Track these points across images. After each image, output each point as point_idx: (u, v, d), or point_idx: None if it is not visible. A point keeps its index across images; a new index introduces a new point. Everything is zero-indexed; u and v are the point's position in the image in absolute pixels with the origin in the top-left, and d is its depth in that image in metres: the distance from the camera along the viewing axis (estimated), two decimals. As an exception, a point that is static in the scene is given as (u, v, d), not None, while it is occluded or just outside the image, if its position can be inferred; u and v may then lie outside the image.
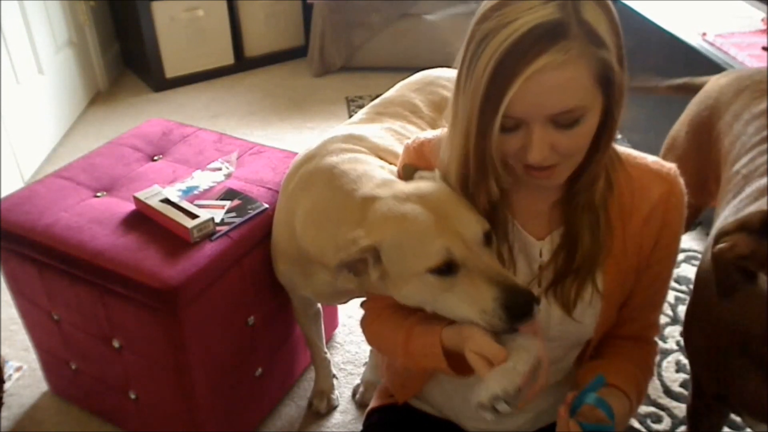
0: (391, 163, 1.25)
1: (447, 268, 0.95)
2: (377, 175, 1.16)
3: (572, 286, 0.98)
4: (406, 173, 1.08)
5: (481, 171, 0.91)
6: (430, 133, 1.09)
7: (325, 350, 1.76)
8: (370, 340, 1.18)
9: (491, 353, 0.89)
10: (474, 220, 0.97)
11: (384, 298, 1.11)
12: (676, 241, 1.02)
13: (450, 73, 1.57)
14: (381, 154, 1.29)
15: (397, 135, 1.38)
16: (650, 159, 1.00)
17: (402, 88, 1.56)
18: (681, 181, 0.99)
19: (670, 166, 0.99)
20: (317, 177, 1.26)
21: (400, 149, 1.18)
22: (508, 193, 0.98)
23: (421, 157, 1.07)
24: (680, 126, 1.68)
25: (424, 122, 1.46)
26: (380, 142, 1.33)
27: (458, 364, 0.97)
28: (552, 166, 0.87)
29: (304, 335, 1.70)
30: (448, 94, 1.48)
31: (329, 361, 1.79)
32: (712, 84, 1.63)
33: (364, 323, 1.17)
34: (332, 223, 1.16)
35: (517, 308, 0.91)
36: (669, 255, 1.02)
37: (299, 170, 1.32)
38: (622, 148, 1.00)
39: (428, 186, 1.02)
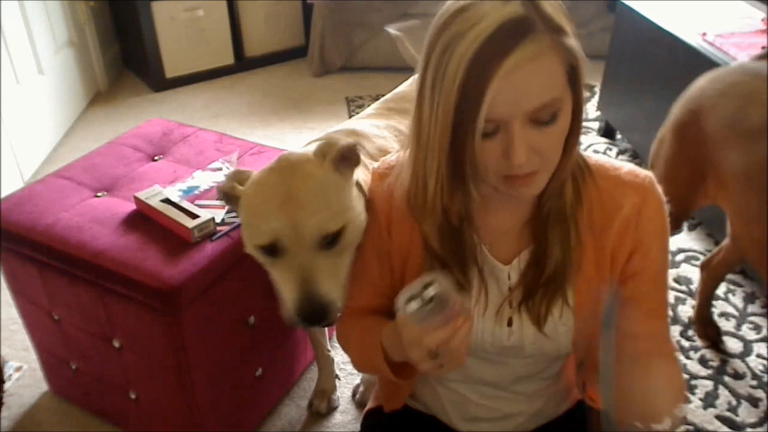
0: None
1: (271, 249, 1.04)
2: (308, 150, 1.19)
3: (542, 302, 0.96)
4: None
5: (458, 179, 0.88)
6: (392, 156, 1.07)
7: (329, 348, 1.76)
8: (341, 345, 1.18)
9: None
10: (321, 220, 1.02)
11: (356, 306, 1.11)
12: (658, 248, 0.98)
13: None
14: (377, 155, 1.29)
15: (401, 135, 1.38)
16: (624, 169, 0.97)
17: (414, 83, 1.57)
18: (657, 188, 0.96)
19: (645, 175, 0.96)
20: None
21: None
22: (475, 215, 0.96)
23: (385, 191, 1.03)
24: (666, 129, 1.70)
25: None
26: (382, 143, 1.34)
27: (398, 369, 1.01)
28: (532, 172, 0.85)
29: (308, 332, 1.70)
30: None
31: (333, 360, 1.79)
32: (694, 86, 1.65)
33: (337, 327, 1.16)
34: None
35: (309, 313, 1.02)
36: (653, 263, 0.98)
37: None
38: (596, 159, 0.98)
39: (304, 165, 1.08)
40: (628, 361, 0.92)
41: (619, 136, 2.99)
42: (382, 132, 1.38)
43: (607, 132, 3.02)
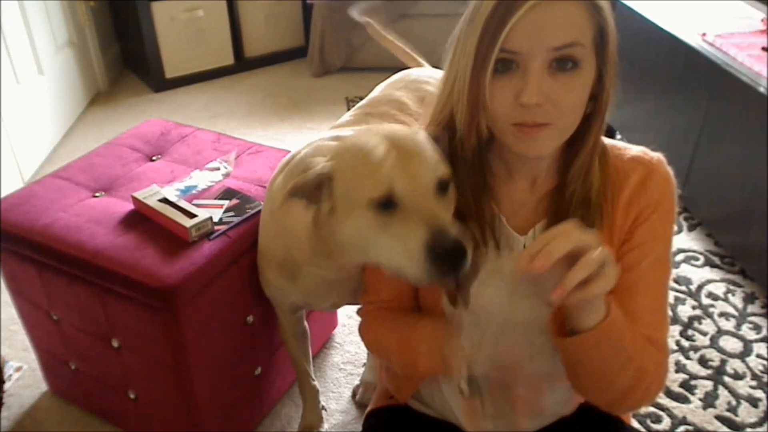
0: None
1: (386, 203, 0.92)
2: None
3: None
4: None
5: (473, 110, 0.90)
6: None
7: (314, 377, 1.66)
8: (368, 345, 1.17)
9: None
10: (432, 164, 0.95)
11: (378, 300, 1.10)
12: (660, 228, 0.98)
13: (430, 72, 1.58)
14: None
15: None
16: (635, 149, 1.00)
17: (386, 87, 1.55)
18: (666, 167, 0.98)
19: (655, 154, 0.99)
20: (292, 167, 1.24)
21: None
22: (495, 186, 0.98)
23: None
24: None
25: (413, 119, 1.44)
26: None
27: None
28: (544, 124, 0.86)
29: (291, 358, 1.62)
30: (432, 89, 1.48)
31: (318, 391, 1.68)
32: None
33: (362, 329, 1.16)
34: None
35: (443, 254, 0.88)
36: (654, 245, 0.98)
37: (282, 171, 1.30)
38: (607, 140, 1.00)
39: (401, 128, 1.03)
40: None
41: (619, 136, 2.99)
42: None
43: (607, 132, 3.01)
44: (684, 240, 2.40)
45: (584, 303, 0.84)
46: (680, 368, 1.89)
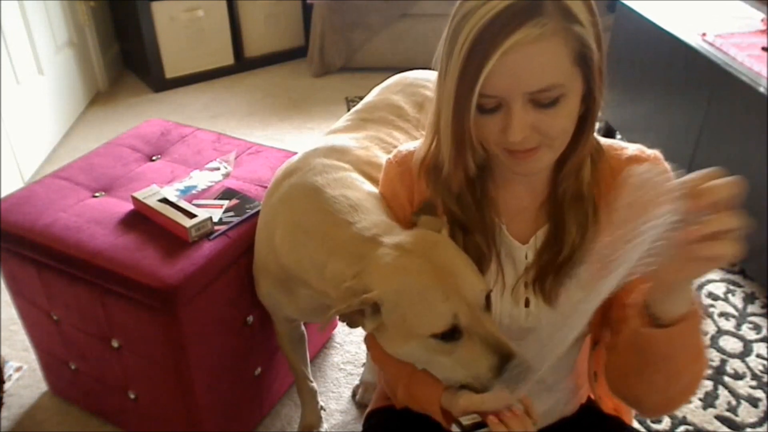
0: (375, 176, 1.21)
1: (450, 334, 0.93)
2: (371, 206, 1.12)
3: (556, 282, 0.97)
4: (421, 211, 1.05)
5: (459, 147, 0.90)
6: (411, 145, 1.08)
7: (312, 380, 1.67)
8: (374, 360, 1.16)
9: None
10: (477, 282, 0.95)
11: None
12: None
13: (427, 74, 1.56)
14: (364, 167, 1.25)
15: (382, 144, 1.34)
16: (631, 148, 1.00)
17: (383, 91, 1.53)
18: (663, 162, 0.98)
19: (652, 151, 0.99)
20: (301, 193, 1.21)
21: (384, 160, 1.15)
22: (495, 194, 0.98)
23: (406, 171, 1.05)
24: None
25: (411, 125, 1.42)
26: (363, 153, 1.28)
27: (452, 419, 0.97)
28: (534, 148, 0.87)
29: (289, 362, 1.62)
30: (430, 93, 1.46)
31: (316, 392, 1.69)
32: None
33: (370, 342, 1.14)
34: (317, 245, 1.13)
35: (506, 370, 0.91)
36: None
37: (281, 184, 1.27)
38: (604, 140, 1.00)
39: (433, 238, 0.99)
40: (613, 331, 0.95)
41: (619, 136, 2.99)
42: (362, 143, 1.32)
43: (607, 132, 3.02)
44: (684, 240, 2.40)
45: (684, 284, 0.79)
46: (680, 368, 1.89)
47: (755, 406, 1.79)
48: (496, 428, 0.87)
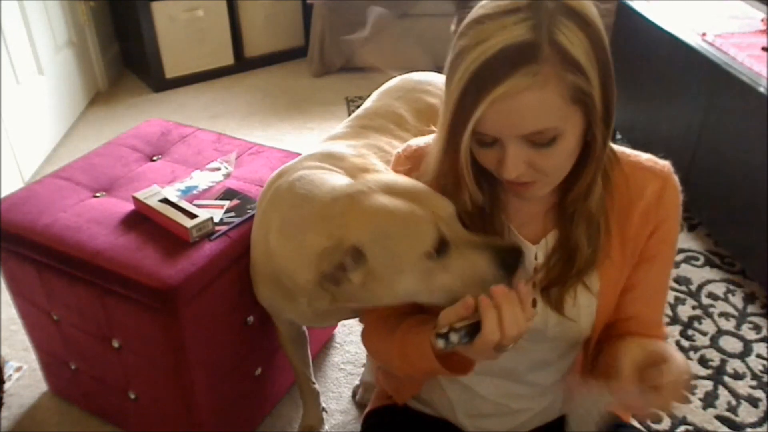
0: None
1: (440, 248, 0.95)
2: (338, 179, 1.14)
3: (565, 291, 0.98)
4: None
5: (455, 182, 0.93)
6: (422, 140, 1.08)
7: (314, 380, 1.67)
8: (371, 353, 1.17)
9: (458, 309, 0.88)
10: (444, 202, 0.98)
11: (379, 309, 1.10)
12: (672, 236, 1.01)
13: (430, 77, 1.54)
14: (358, 175, 1.22)
15: (381, 152, 1.33)
16: (644, 156, 1.00)
17: (384, 96, 1.51)
18: (675, 177, 0.99)
19: (664, 163, 0.99)
20: (285, 191, 1.21)
21: (381, 168, 1.16)
22: (503, 196, 0.98)
23: (414, 168, 1.05)
24: None
25: (410, 134, 1.40)
26: (359, 161, 1.27)
27: (453, 364, 0.96)
28: (529, 182, 0.88)
29: (291, 363, 1.61)
30: (432, 99, 1.46)
31: (318, 393, 1.69)
32: None
33: (364, 337, 1.16)
34: (299, 232, 1.12)
35: (512, 265, 0.93)
36: (665, 250, 1.02)
37: (271, 187, 1.28)
38: (616, 147, 1.00)
39: (391, 177, 1.04)
40: (614, 339, 0.97)
41: (619, 136, 2.99)
42: (359, 151, 1.32)
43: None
44: (684, 240, 2.40)
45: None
46: (680, 368, 1.89)
47: (755, 406, 1.79)
48: (487, 314, 0.83)
